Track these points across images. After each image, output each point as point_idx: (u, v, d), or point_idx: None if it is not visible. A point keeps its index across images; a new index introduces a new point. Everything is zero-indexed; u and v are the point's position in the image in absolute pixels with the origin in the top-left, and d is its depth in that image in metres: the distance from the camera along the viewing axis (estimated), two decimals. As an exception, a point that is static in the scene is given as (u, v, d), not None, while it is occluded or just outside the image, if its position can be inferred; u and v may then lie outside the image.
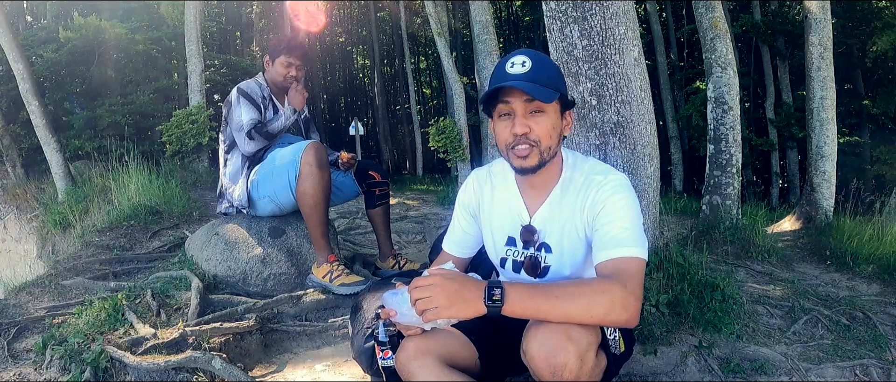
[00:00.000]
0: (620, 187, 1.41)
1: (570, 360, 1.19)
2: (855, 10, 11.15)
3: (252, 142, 2.69)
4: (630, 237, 1.33)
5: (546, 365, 1.20)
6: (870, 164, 11.31)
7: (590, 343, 1.24)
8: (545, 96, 1.33)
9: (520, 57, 1.39)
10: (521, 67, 1.36)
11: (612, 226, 1.36)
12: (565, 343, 1.19)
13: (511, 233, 1.53)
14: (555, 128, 1.40)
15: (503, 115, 1.40)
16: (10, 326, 2.30)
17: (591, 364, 1.24)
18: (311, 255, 2.77)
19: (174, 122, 7.08)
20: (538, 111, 1.37)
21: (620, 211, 1.37)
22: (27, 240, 6.64)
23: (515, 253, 1.53)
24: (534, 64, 1.37)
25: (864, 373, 2.13)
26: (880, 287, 3.27)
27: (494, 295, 1.18)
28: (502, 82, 1.36)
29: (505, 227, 1.54)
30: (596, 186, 1.42)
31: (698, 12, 4.47)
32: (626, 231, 1.34)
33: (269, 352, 2.27)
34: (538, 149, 1.38)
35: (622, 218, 1.36)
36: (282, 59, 2.79)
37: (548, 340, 1.21)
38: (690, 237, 3.88)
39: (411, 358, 1.35)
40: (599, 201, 1.40)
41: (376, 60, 19.21)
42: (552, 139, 1.40)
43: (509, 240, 1.54)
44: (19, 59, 5.54)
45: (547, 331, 1.22)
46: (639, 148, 2.31)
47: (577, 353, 1.19)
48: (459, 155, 8.54)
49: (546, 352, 1.20)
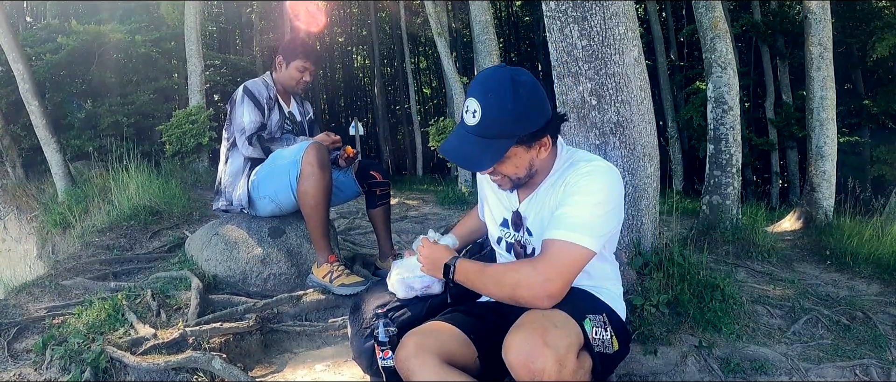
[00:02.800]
0: (596, 172, 1.41)
1: (548, 365, 1.19)
2: (855, 10, 11.14)
3: (251, 148, 2.69)
4: (576, 223, 1.35)
5: (525, 371, 1.21)
6: (870, 164, 11.31)
7: (569, 346, 1.24)
8: (486, 162, 1.37)
9: (473, 102, 1.34)
10: (472, 118, 1.34)
11: (567, 209, 1.38)
12: (542, 348, 1.20)
13: (505, 216, 1.62)
14: (523, 162, 1.42)
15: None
16: (10, 326, 2.29)
17: (571, 366, 1.24)
18: (311, 255, 2.77)
19: (174, 122, 7.08)
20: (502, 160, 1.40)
21: (584, 196, 1.38)
22: (27, 240, 6.64)
23: (508, 234, 1.62)
24: (483, 114, 1.32)
25: (864, 373, 2.13)
26: (880, 287, 3.27)
27: (449, 267, 1.50)
28: (450, 141, 1.41)
29: (501, 211, 1.63)
30: (575, 170, 1.44)
31: (698, 12, 4.47)
32: (576, 217, 1.36)
33: (269, 352, 2.27)
34: (511, 180, 1.46)
35: (581, 204, 1.37)
36: (298, 63, 2.78)
37: (524, 345, 1.22)
38: (690, 237, 3.88)
39: (411, 356, 1.35)
40: (572, 183, 1.42)
41: (376, 60, 19.21)
42: (523, 169, 1.44)
43: (504, 222, 1.63)
44: (19, 59, 5.54)
45: (523, 336, 1.23)
46: (639, 148, 2.31)
47: (555, 358, 1.20)
48: (459, 155, 8.52)
49: (524, 358, 1.21)
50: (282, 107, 2.86)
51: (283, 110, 2.86)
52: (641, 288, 2.30)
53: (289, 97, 2.93)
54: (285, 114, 2.88)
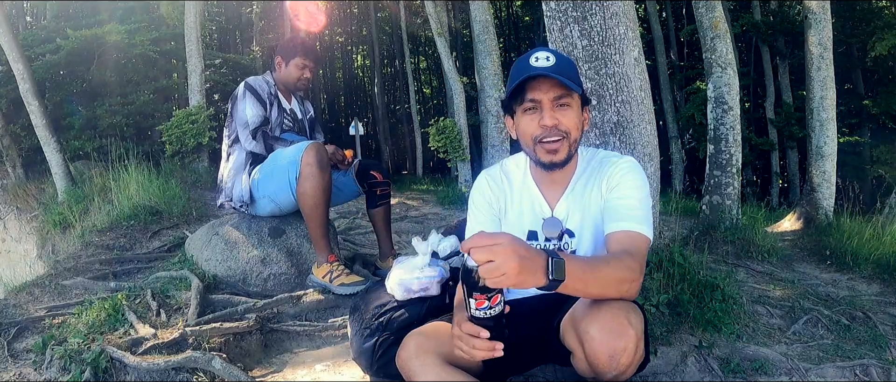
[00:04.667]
0: (635, 168, 1.47)
1: (630, 344, 1.21)
2: (855, 10, 11.15)
3: (255, 142, 2.70)
4: (642, 215, 1.39)
5: (606, 348, 1.21)
6: (870, 164, 11.31)
7: (642, 332, 1.27)
8: (574, 86, 1.36)
9: (542, 52, 1.39)
10: (546, 61, 1.37)
11: (626, 200, 1.41)
12: (626, 327, 1.21)
13: (532, 227, 1.55)
14: (578, 120, 1.43)
15: (528, 110, 1.41)
16: (10, 326, 2.29)
17: (641, 351, 1.27)
18: (311, 255, 2.77)
19: (174, 122, 7.08)
20: (564, 105, 1.39)
21: (634, 190, 1.42)
22: (27, 240, 6.63)
23: (537, 246, 1.52)
24: (557, 59, 1.38)
25: (864, 373, 2.13)
26: (880, 287, 3.28)
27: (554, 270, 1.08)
28: (530, 72, 1.36)
29: (526, 223, 1.55)
30: (612, 165, 1.48)
31: (698, 12, 4.47)
32: (637, 209, 1.40)
33: (269, 352, 2.27)
34: (567, 141, 1.41)
35: (634, 197, 1.42)
36: (297, 61, 2.80)
37: (610, 322, 1.22)
38: (690, 237, 3.88)
39: (412, 357, 1.35)
40: (615, 178, 1.45)
41: (376, 60, 19.20)
42: (578, 132, 1.44)
43: (531, 234, 1.55)
44: (19, 59, 5.54)
45: (608, 314, 1.23)
46: (639, 148, 2.31)
47: (635, 338, 1.22)
48: (459, 155, 8.54)
49: (608, 335, 1.21)
50: (282, 103, 2.86)
51: (284, 106, 2.87)
52: (641, 287, 2.30)
53: (289, 95, 2.94)
54: (286, 110, 2.88)
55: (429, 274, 1.70)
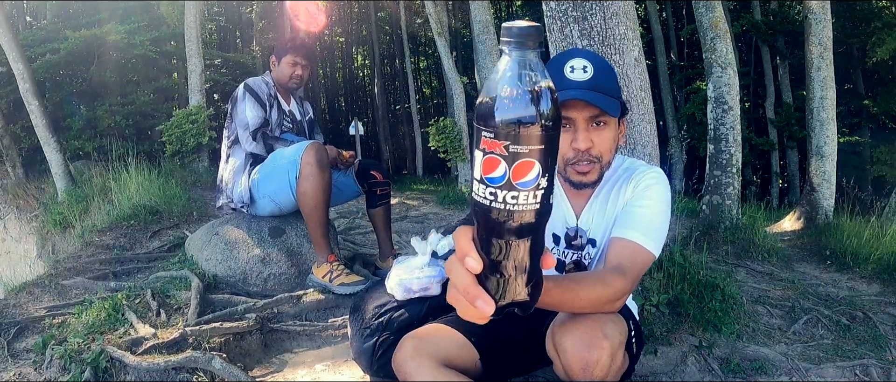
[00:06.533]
0: (661, 180, 1.41)
1: (603, 356, 1.19)
2: (855, 10, 11.15)
3: (255, 143, 2.70)
4: (654, 229, 1.33)
5: (579, 360, 1.20)
6: (870, 164, 11.32)
7: (621, 342, 1.24)
8: (612, 108, 1.25)
9: (579, 61, 1.28)
10: (583, 73, 1.26)
11: (642, 209, 1.35)
12: (600, 339, 1.19)
13: (556, 231, 1.52)
14: (615, 140, 1.36)
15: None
16: (10, 326, 2.29)
17: (619, 362, 1.25)
18: (311, 255, 2.77)
19: (174, 122, 7.08)
20: (600, 123, 1.31)
21: (654, 202, 1.37)
22: (27, 240, 6.64)
23: (559, 252, 1.52)
24: (595, 69, 1.27)
25: (864, 373, 2.13)
26: (880, 287, 3.28)
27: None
28: (565, 91, 1.24)
29: (550, 226, 1.51)
30: (638, 175, 1.42)
31: (698, 12, 4.47)
32: (651, 221, 1.34)
33: (269, 352, 2.27)
34: (599, 164, 1.35)
35: (652, 209, 1.36)
36: (288, 59, 2.81)
37: (584, 335, 1.20)
38: (690, 237, 3.88)
39: (407, 359, 1.34)
40: (644, 185, 1.40)
41: (376, 60, 19.21)
42: (612, 153, 1.37)
43: (554, 238, 1.52)
44: (19, 59, 5.54)
45: (582, 326, 1.21)
46: (639, 148, 2.31)
47: (610, 350, 1.19)
48: (459, 155, 8.54)
49: (581, 347, 1.20)
50: (281, 104, 2.87)
51: (283, 108, 2.87)
52: (641, 287, 2.30)
53: (289, 96, 2.94)
54: (285, 111, 2.89)
55: (429, 274, 1.69)
